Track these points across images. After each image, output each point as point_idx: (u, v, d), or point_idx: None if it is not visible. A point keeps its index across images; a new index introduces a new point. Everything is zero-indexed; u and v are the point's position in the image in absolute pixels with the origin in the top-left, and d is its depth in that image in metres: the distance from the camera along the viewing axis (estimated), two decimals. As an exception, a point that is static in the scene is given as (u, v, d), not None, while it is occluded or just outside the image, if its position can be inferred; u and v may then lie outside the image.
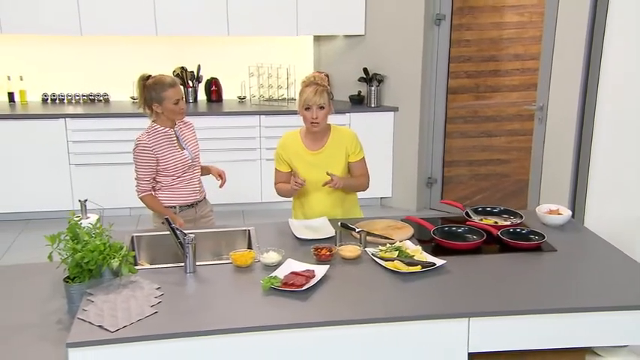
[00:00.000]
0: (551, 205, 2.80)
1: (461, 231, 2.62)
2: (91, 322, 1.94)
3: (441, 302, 2.09)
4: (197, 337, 1.90)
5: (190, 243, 2.26)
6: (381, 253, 2.39)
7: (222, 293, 2.16)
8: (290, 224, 2.71)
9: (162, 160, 2.89)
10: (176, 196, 2.96)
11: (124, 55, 5.23)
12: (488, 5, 5.02)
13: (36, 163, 4.77)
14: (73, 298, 2.17)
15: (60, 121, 4.74)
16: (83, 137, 4.78)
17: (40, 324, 2.05)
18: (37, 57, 5.14)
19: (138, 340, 1.87)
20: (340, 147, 2.84)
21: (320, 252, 2.38)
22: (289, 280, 2.16)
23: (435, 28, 4.96)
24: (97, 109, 4.98)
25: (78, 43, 5.13)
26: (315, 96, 2.69)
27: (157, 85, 2.85)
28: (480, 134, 5.34)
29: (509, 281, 2.24)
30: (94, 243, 2.16)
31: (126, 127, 4.80)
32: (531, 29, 4.96)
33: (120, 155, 4.81)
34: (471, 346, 2.05)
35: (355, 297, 2.14)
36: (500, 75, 5.19)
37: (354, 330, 1.99)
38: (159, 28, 4.83)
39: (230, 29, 4.92)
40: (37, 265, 2.48)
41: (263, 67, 5.24)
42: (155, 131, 2.91)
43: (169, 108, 2.87)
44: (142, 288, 2.16)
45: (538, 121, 4.69)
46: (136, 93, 2.98)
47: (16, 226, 4.81)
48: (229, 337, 1.92)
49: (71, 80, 5.22)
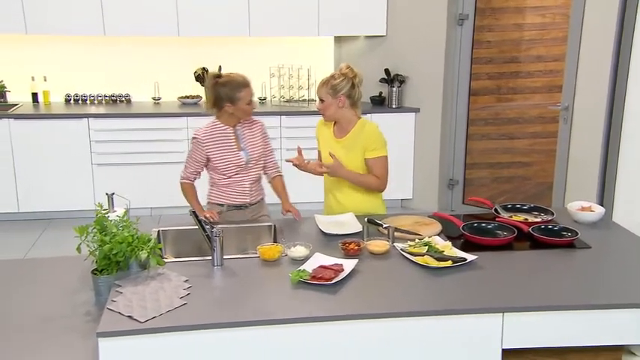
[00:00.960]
0: (582, 202, 2.75)
1: (491, 227, 2.58)
2: (120, 312, 1.93)
3: (473, 297, 2.05)
4: (227, 328, 1.89)
5: (218, 236, 2.25)
6: (410, 248, 2.36)
7: (250, 286, 2.14)
8: (316, 220, 2.69)
9: (213, 158, 2.81)
10: (225, 195, 2.87)
11: (145, 56, 5.28)
12: (511, 6, 4.98)
13: (58, 162, 4.81)
14: (101, 291, 2.16)
15: (83, 120, 4.78)
16: (105, 137, 4.81)
17: (69, 315, 2.05)
18: (60, 58, 5.20)
19: (168, 331, 1.85)
20: (358, 140, 2.83)
21: (348, 246, 2.35)
22: (318, 273, 2.13)
23: (458, 28, 4.93)
24: (119, 109, 5.01)
25: (100, 45, 5.18)
26: (318, 88, 2.83)
27: (232, 85, 2.76)
28: (501, 136, 5.29)
29: (543, 277, 2.20)
30: (123, 235, 2.16)
31: (148, 128, 4.83)
32: (554, 30, 4.90)
33: (142, 155, 4.84)
34: (505, 343, 2.00)
35: (385, 291, 2.11)
36: (522, 77, 5.14)
37: (385, 324, 1.96)
38: (181, 29, 4.86)
39: (251, 30, 4.94)
40: (64, 259, 2.49)
41: (284, 68, 5.24)
42: (214, 128, 2.83)
43: (243, 109, 2.79)
44: (169, 280, 2.14)
45: (563, 121, 4.62)
46: (205, 92, 2.88)
47: (38, 226, 4.85)
48: (259, 329, 1.90)
49: (93, 81, 5.27)
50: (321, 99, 2.81)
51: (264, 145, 2.94)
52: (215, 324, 1.88)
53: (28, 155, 4.76)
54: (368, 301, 2.03)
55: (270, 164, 2.99)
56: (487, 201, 2.86)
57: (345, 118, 2.84)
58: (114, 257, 2.16)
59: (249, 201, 2.91)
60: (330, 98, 2.78)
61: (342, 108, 2.80)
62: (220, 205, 2.89)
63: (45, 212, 4.92)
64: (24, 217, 4.92)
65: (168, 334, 1.86)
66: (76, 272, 2.35)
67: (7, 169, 4.76)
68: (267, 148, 2.96)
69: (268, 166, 2.98)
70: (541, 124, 5.15)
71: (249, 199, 2.90)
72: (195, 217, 2.32)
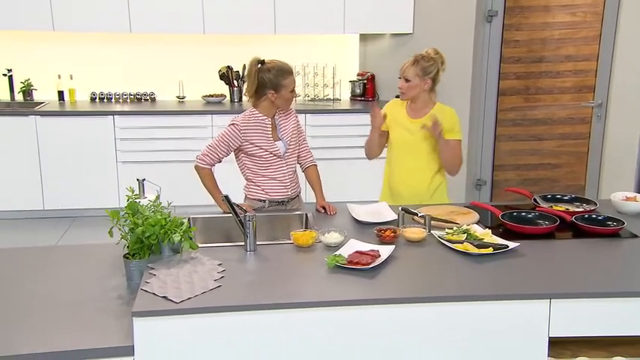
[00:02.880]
0: (627, 192, 2.68)
1: (531, 217, 2.51)
2: (155, 293, 1.89)
3: (518, 283, 1.99)
4: (263, 310, 1.84)
5: (251, 220, 2.21)
6: (448, 235, 2.30)
7: (285, 270, 2.10)
8: (349, 209, 2.65)
9: (250, 147, 2.73)
10: (265, 190, 2.79)
11: (170, 54, 5.30)
12: (540, 5, 4.90)
13: (84, 160, 4.83)
14: (133, 275, 2.13)
15: (108, 118, 4.80)
16: (131, 135, 4.83)
17: (101, 299, 2.02)
18: (86, 56, 5.25)
19: (204, 312, 1.82)
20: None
21: (384, 233, 2.30)
22: (354, 258, 2.09)
23: (487, 25, 4.87)
24: (143, 108, 5.03)
25: (125, 43, 5.22)
26: (406, 67, 2.84)
27: (277, 72, 2.68)
28: (529, 137, 5.19)
29: (590, 265, 2.13)
30: (155, 217, 2.13)
31: (173, 125, 4.84)
32: (584, 29, 4.82)
33: (167, 153, 4.84)
34: (552, 330, 1.93)
35: (425, 276, 2.05)
36: (551, 77, 5.05)
37: (427, 308, 1.90)
38: (206, 26, 4.88)
39: (277, 27, 4.93)
40: (94, 246, 2.47)
41: (309, 66, 5.23)
42: (253, 117, 2.75)
43: (285, 97, 2.72)
44: (202, 264, 2.11)
45: (596, 119, 4.54)
46: (247, 78, 2.76)
47: (63, 224, 4.86)
48: (296, 311, 1.86)
49: (118, 79, 5.31)
50: (407, 78, 2.84)
51: (299, 133, 2.89)
52: (251, 305, 1.84)
53: (54, 153, 4.79)
54: (408, 286, 1.97)
55: (304, 153, 2.93)
56: (525, 191, 2.80)
57: (423, 100, 2.90)
58: (147, 240, 2.13)
59: (289, 194, 2.84)
60: (417, 79, 2.84)
61: (424, 90, 2.86)
62: (262, 202, 2.81)
63: (70, 210, 4.94)
64: (49, 214, 4.95)
65: (203, 315, 1.82)
66: (107, 258, 2.33)
67: (33, 167, 4.79)
68: (301, 137, 2.91)
69: (302, 155, 2.92)
70: (570, 125, 5.05)
71: (289, 192, 2.84)
72: (228, 202, 2.29)
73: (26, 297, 2.03)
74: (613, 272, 2.07)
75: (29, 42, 5.15)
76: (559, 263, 2.15)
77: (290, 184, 2.83)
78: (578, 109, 4.93)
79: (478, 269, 2.08)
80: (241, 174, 2.86)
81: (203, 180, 2.76)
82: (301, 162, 2.93)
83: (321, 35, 5.28)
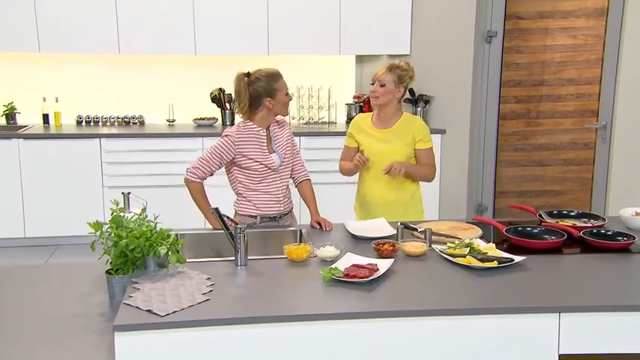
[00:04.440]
0: (637, 207, 2.66)
1: (537, 231, 2.49)
2: (138, 307, 1.85)
3: (525, 296, 1.95)
4: (255, 324, 1.80)
5: (242, 233, 2.18)
6: (450, 249, 2.27)
7: (278, 284, 2.06)
8: (346, 225, 2.62)
9: (244, 160, 2.72)
10: (257, 205, 2.76)
11: (159, 76, 5.33)
12: (540, 27, 4.99)
13: (68, 185, 4.79)
14: (115, 292, 2.09)
15: (94, 141, 4.79)
16: (118, 158, 4.81)
17: (82, 316, 1.99)
18: (73, 78, 5.27)
19: (191, 326, 1.77)
20: (408, 130, 2.97)
21: (382, 247, 2.27)
22: (351, 271, 2.05)
23: (486, 45, 4.94)
24: (132, 131, 5.03)
25: (114, 65, 5.25)
26: (382, 73, 2.93)
27: (268, 78, 2.71)
28: (531, 163, 5.21)
29: (601, 279, 2.10)
30: (140, 229, 2.10)
31: (162, 149, 4.83)
32: (586, 52, 4.89)
33: (155, 177, 4.81)
34: (562, 347, 1.89)
35: (427, 290, 2.02)
36: (552, 100, 5.10)
37: (429, 322, 1.86)
38: (198, 47, 4.93)
39: (270, 48, 4.98)
40: (76, 264, 2.45)
41: (303, 88, 5.26)
42: (247, 128, 2.74)
43: (282, 100, 2.74)
44: (190, 278, 2.07)
45: (601, 141, 4.56)
46: (237, 95, 2.76)
47: (44, 252, 4.79)
48: (289, 325, 1.81)
49: (106, 103, 5.32)
50: (383, 84, 2.91)
51: (292, 146, 2.88)
52: (242, 319, 1.79)
53: (37, 177, 4.75)
54: (408, 299, 1.94)
55: (298, 167, 2.92)
56: (530, 207, 2.78)
57: (393, 108, 2.99)
58: (131, 254, 2.09)
59: (282, 210, 2.81)
60: (392, 85, 2.92)
61: (396, 98, 2.96)
62: (252, 217, 2.78)
63: (52, 237, 4.88)
64: (30, 242, 4.88)
65: (190, 329, 1.77)
66: (90, 276, 2.29)
67: (15, 192, 4.75)
68: (295, 150, 2.91)
69: (296, 169, 2.91)
70: (574, 150, 5.08)
71: (282, 208, 2.81)
72: (217, 214, 2.25)
73: (6, 315, 1.99)
74: (626, 286, 2.04)
75: (13, 63, 5.17)
76: (568, 277, 2.12)
77: (283, 199, 2.80)
78: (581, 134, 4.96)
79: (482, 283, 2.04)
80: (231, 188, 2.83)
81: (193, 194, 2.72)
82: (295, 176, 2.91)
83: (317, 56, 5.33)
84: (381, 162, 2.92)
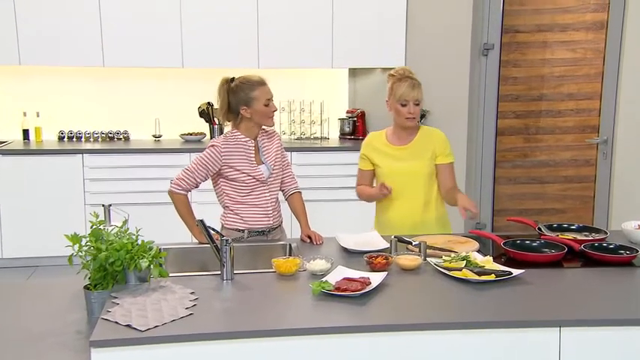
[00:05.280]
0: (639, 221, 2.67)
1: (536, 245, 2.49)
2: (117, 322, 1.82)
3: (524, 310, 1.94)
4: (241, 339, 1.77)
5: (228, 245, 2.16)
6: (446, 263, 2.26)
7: (266, 298, 2.04)
8: (338, 239, 2.61)
9: (231, 172, 2.72)
10: (245, 218, 2.75)
11: (145, 90, 5.34)
12: (538, 41, 5.05)
13: (48, 203, 4.76)
14: (94, 309, 2.06)
15: (77, 157, 4.78)
16: (101, 175, 4.79)
17: (59, 333, 1.96)
18: (54, 92, 5.27)
19: (173, 341, 1.74)
20: (428, 145, 2.88)
21: (375, 260, 2.26)
22: (342, 285, 2.03)
23: (483, 59, 4.99)
24: (116, 147, 5.02)
25: (98, 78, 5.26)
26: (413, 91, 2.81)
27: (244, 85, 2.70)
28: (530, 180, 5.22)
29: (603, 293, 2.10)
30: (121, 242, 2.08)
31: (148, 164, 4.81)
32: (585, 66, 4.95)
33: (141, 195, 4.78)
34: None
35: (422, 304, 2.01)
36: (552, 115, 5.14)
37: (424, 337, 1.84)
38: (185, 59, 4.95)
39: (260, 62, 5.01)
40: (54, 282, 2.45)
41: (295, 102, 5.29)
42: (234, 138, 2.75)
43: (260, 110, 2.70)
44: (173, 292, 2.04)
45: (602, 156, 4.59)
46: (218, 99, 2.79)
47: (22, 274, 4.73)
48: (278, 340, 1.79)
49: (89, 117, 5.32)
50: (418, 102, 2.84)
51: (282, 157, 2.88)
52: (228, 333, 1.77)
53: (15, 195, 4.72)
54: (402, 313, 1.92)
55: (288, 179, 2.91)
56: (529, 220, 2.78)
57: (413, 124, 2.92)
58: (110, 268, 2.07)
59: (271, 224, 2.80)
60: (421, 101, 2.86)
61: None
62: (240, 231, 2.76)
63: (31, 258, 4.83)
64: (8, 263, 4.82)
65: (172, 344, 1.75)
66: (68, 292, 2.26)
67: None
68: (285, 162, 2.90)
69: (286, 182, 2.90)
70: (574, 167, 5.10)
71: (271, 222, 2.80)
72: (203, 226, 2.24)
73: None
74: (629, 300, 2.03)
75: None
76: (568, 291, 2.11)
77: (272, 213, 2.79)
78: (582, 150, 4.99)
79: (479, 297, 2.03)
80: (218, 201, 2.82)
81: (177, 207, 2.71)
82: (284, 188, 2.90)
83: (308, 70, 5.37)
84: (402, 182, 2.82)
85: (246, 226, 2.75)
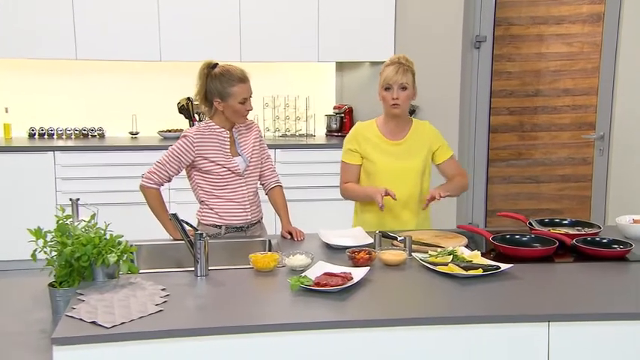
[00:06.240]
0: (634, 215, 2.69)
1: (526, 239, 2.49)
2: (82, 318, 1.80)
3: (512, 305, 1.95)
4: (215, 335, 1.76)
5: (202, 240, 2.15)
6: (432, 258, 2.26)
7: (242, 294, 2.03)
8: (320, 235, 2.60)
9: (205, 163, 2.69)
10: (221, 213, 2.73)
11: (122, 85, 5.31)
12: (532, 34, 5.06)
13: (16, 203, 4.71)
14: (59, 307, 2.04)
15: (48, 155, 4.73)
16: (74, 173, 4.75)
17: (22, 333, 1.96)
18: (24, 87, 5.22)
19: (141, 338, 1.73)
20: (423, 141, 2.83)
21: (357, 255, 2.26)
22: (322, 280, 2.03)
23: (475, 51, 5.01)
24: (90, 144, 4.99)
25: (71, 72, 5.22)
26: (397, 74, 2.69)
27: (224, 78, 2.65)
28: (525, 180, 5.24)
29: (594, 288, 2.11)
30: (88, 236, 2.06)
31: (124, 162, 4.78)
32: (582, 61, 4.97)
33: (116, 194, 4.75)
34: (552, 357, 1.88)
35: (406, 299, 2.01)
36: (547, 112, 5.16)
37: (408, 332, 1.84)
38: (163, 52, 4.92)
39: (243, 54, 5.00)
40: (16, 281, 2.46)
41: (279, 98, 5.28)
42: (208, 129, 2.72)
43: (234, 108, 2.67)
44: (143, 289, 2.03)
45: (599, 153, 4.61)
46: (197, 82, 2.76)
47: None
48: (254, 336, 1.78)
49: (62, 114, 5.27)
50: (404, 86, 2.71)
51: (261, 150, 2.86)
52: (200, 329, 1.76)
53: (-19, 195, 4.68)
54: (385, 308, 1.92)
55: (268, 172, 2.89)
56: (520, 216, 2.79)
57: (406, 113, 2.82)
58: (76, 263, 2.05)
59: (249, 219, 2.78)
60: (411, 88, 2.73)
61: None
62: (217, 227, 2.75)
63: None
64: (-27, 266, 4.78)
65: (140, 341, 1.73)
66: (31, 291, 2.25)
67: (-44, 211, 4.66)
68: (264, 154, 2.89)
69: (265, 175, 2.88)
70: (571, 165, 5.12)
71: (249, 217, 2.78)
72: (176, 220, 2.22)
73: None
74: (619, 294, 2.05)
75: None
76: (559, 286, 2.12)
77: (250, 207, 2.77)
78: (579, 148, 5.01)
79: (466, 292, 2.04)
80: (194, 196, 2.81)
81: (149, 201, 2.69)
82: (264, 182, 2.89)
83: (293, 64, 5.36)
84: (393, 180, 2.72)
85: (223, 222, 2.73)
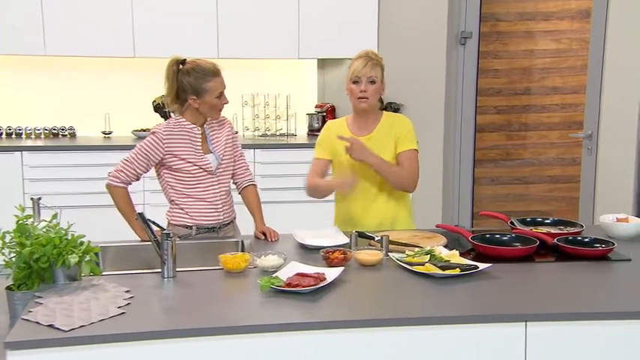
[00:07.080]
0: (617, 214, 2.71)
1: (506, 239, 2.51)
2: (38, 322, 1.78)
3: (489, 305, 1.96)
4: (180, 338, 1.75)
5: (169, 240, 2.13)
6: (409, 257, 2.26)
7: (209, 296, 2.02)
8: (295, 235, 2.60)
9: (174, 161, 2.68)
10: (192, 213, 2.72)
11: (94, 83, 5.28)
12: (520, 30, 5.09)
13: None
14: (17, 311, 2.01)
15: (15, 155, 4.69)
16: (43, 174, 4.71)
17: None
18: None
19: (101, 342, 1.71)
20: (390, 132, 2.83)
21: (332, 255, 2.26)
22: (294, 281, 2.02)
23: (460, 48, 5.03)
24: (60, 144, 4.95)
25: (40, 68, 5.17)
26: (366, 68, 2.72)
27: (197, 74, 2.64)
28: (513, 181, 5.26)
29: (573, 288, 2.12)
30: (48, 236, 2.04)
31: (96, 163, 4.74)
32: (571, 58, 5.00)
33: (88, 197, 4.71)
34: (529, 358, 1.89)
35: (380, 300, 2.02)
36: (536, 111, 5.19)
37: (382, 333, 1.84)
38: (137, 48, 4.90)
39: (220, 50, 4.98)
40: None
41: (259, 96, 5.27)
42: (178, 125, 2.70)
43: (211, 103, 2.67)
44: (106, 291, 2.01)
45: (587, 152, 4.64)
46: (166, 82, 2.73)
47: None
48: (221, 338, 1.77)
49: (29, 112, 5.22)
50: (373, 80, 2.74)
51: (234, 147, 2.85)
52: (162, 332, 1.75)
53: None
54: (357, 309, 1.93)
55: (241, 171, 2.88)
56: (502, 215, 2.80)
57: (375, 108, 2.86)
58: (35, 264, 2.03)
59: (222, 219, 2.77)
60: (380, 82, 2.77)
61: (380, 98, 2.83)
62: (188, 228, 2.73)
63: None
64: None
65: (100, 345, 1.71)
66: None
67: None
68: (237, 152, 2.87)
69: (239, 173, 2.87)
70: (560, 166, 5.15)
71: (222, 217, 2.77)
72: (142, 220, 2.21)
73: None
74: (599, 295, 2.07)
75: None
76: (538, 286, 2.14)
77: (222, 207, 2.76)
78: (569, 148, 5.04)
79: (443, 292, 2.04)
80: (164, 195, 2.79)
81: (116, 201, 2.68)
82: (237, 181, 2.88)
83: (273, 61, 5.36)
84: (365, 176, 2.77)
85: (194, 222, 2.72)
